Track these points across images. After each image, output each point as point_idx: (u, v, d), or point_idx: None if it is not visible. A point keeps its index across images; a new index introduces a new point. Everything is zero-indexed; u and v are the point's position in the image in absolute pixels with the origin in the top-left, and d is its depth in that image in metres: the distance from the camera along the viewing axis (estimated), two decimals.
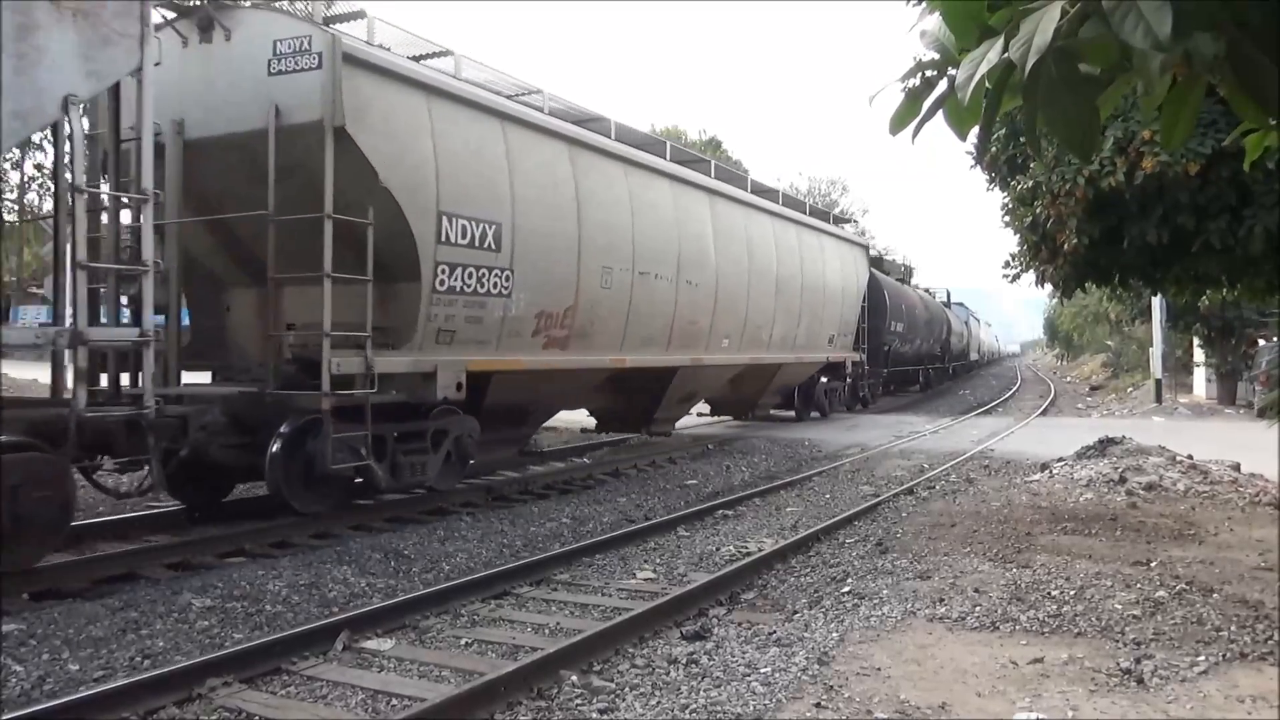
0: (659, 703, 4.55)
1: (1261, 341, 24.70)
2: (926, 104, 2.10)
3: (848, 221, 27.22)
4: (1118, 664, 4.85)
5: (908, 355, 29.56)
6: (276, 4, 7.80)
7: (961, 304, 49.95)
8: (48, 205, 13.84)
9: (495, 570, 7.02)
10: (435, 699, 4.39)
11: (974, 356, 55.23)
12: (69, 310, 6.95)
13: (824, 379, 21.50)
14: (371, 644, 5.51)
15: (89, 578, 6.79)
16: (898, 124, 2.15)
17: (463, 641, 5.64)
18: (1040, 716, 4.18)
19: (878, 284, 24.77)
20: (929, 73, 2.11)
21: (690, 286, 13.59)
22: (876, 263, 27.17)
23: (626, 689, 4.74)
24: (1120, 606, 5.87)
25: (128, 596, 6.34)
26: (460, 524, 9.03)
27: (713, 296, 14.36)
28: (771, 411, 20.56)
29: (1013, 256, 10.89)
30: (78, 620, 5.75)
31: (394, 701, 4.66)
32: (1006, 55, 1.77)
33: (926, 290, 39.70)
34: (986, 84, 1.85)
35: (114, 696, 4.42)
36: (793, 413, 21.03)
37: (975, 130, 2.13)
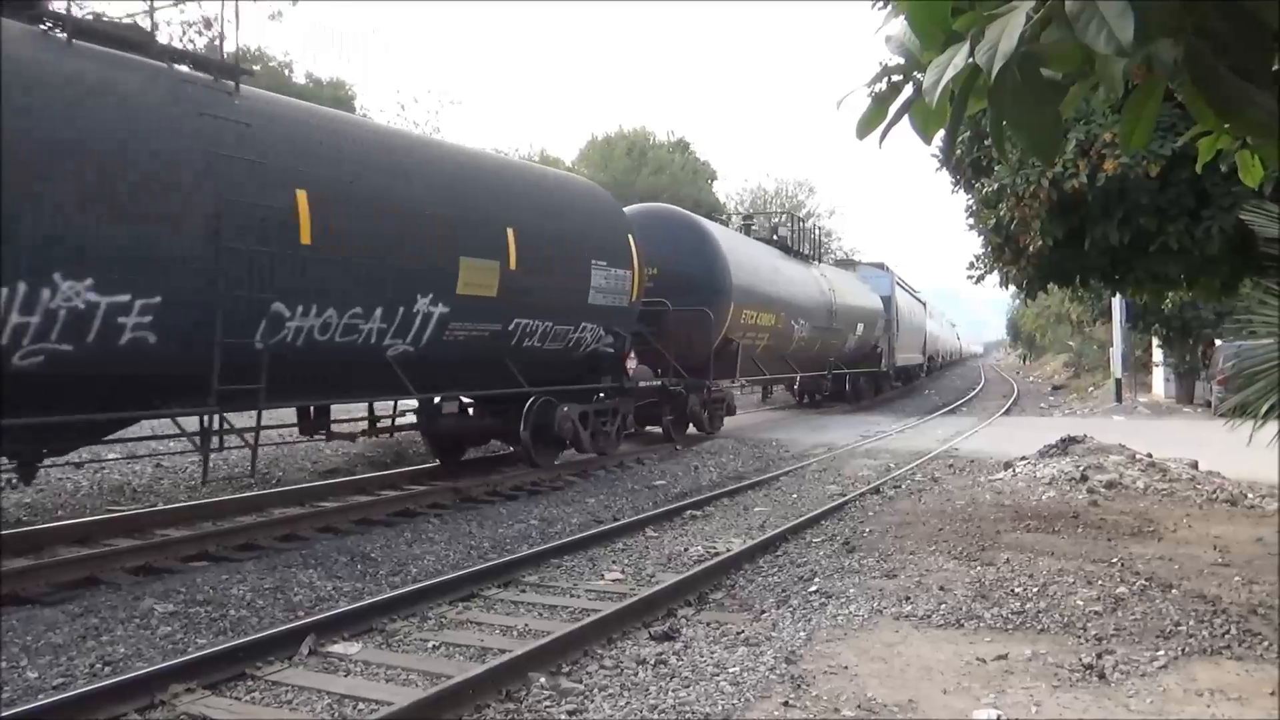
0: (628, 703, 4.55)
1: (1218, 342, 25.21)
2: (893, 108, 2.12)
3: None
4: (1080, 659, 4.92)
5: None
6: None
7: (882, 265, 32.45)
8: None
9: (463, 572, 6.99)
10: (402, 702, 4.36)
11: (910, 358, 35.55)
12: None
13: None
14: (338, 648, 5.46)
15: (48, 583, 6.67)
16: (864, 128, 2.17)
17: (430, 644, 5.60)
18: (1000, 714, 4.23)
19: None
20: (895, 77, 2.13)
21: None
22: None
23: (595, 690, 4.74)
24: (1082, 603, 5.95)
25: (88, 602, 6.24)
26: (427, 526, 8.98)
27: None
28: None
29: (977, 258, 11.03)
30: (36, 627, 5.64)
31: (361, 705, 4.62)
32: (972, 60, 1.79)
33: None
34: (953, 88, 1.87)
35: (73, 704, 4.34)
36: None
37: (940, 133, 2.16)
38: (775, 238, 21.49)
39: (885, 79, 2.15)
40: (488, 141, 63.89)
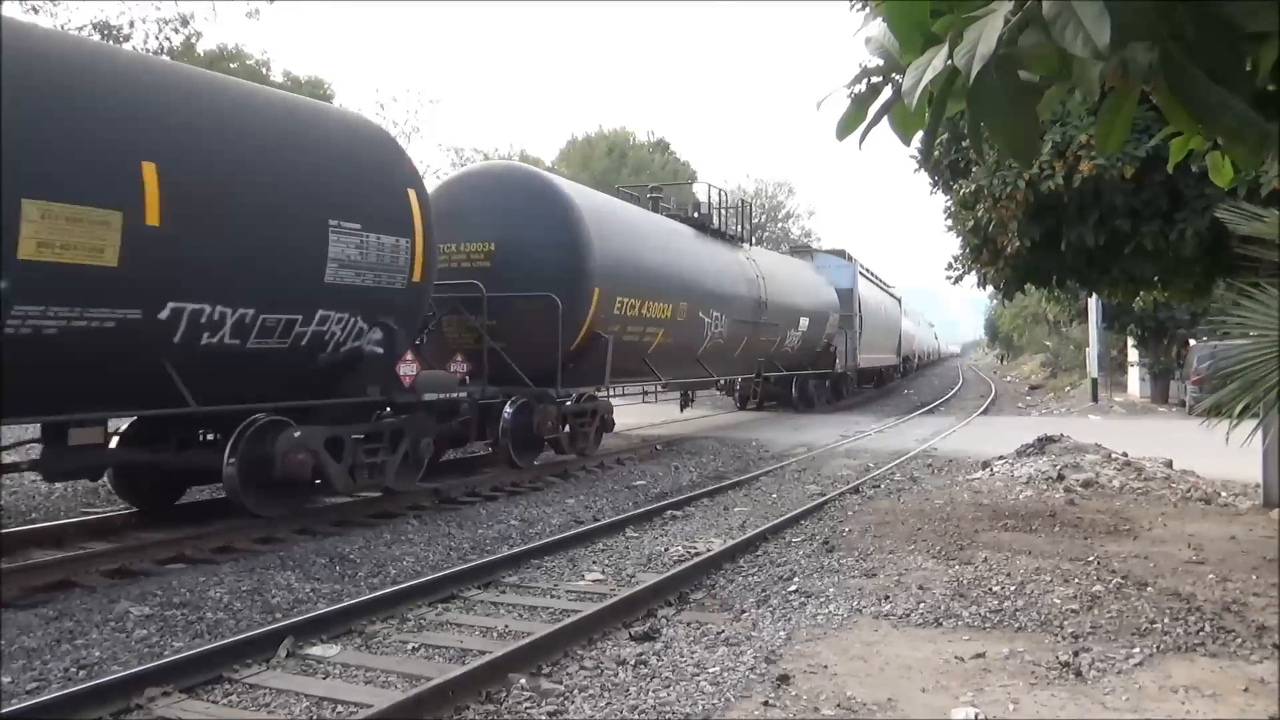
0: (608, 704, 4.54)
1: (1193, 342, 25.50)
2: (872, 110, 2.13)
3: None
4: (1057, 657, 4.95)
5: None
6: None
7: (844, 253, 28.32)
8: None
9: (442, 574, 6.96)
10: (382, 704, 4.33)
11: (879, 359, 32.93)
12: None
13: None
14: (316, 650, 5.42)
15: (22, 586, 6.59)
16: (844, 129, 2.18)
17: (410, 646, 5.58)
18: (978, 712, 4.26)
19: None
20: (874, 79, 2.14)
21: None
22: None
23: (575, 691, 4.73)
24: (1059, 601, 6.00)
25: (63, 605, 6.17)
26: (407, 527, 8.94)
27: None
28: None
29: (955, 259, 11.10)
30: (10, 631, 5.58)
31: (339, 708, 4.59)
32: (950, 62, 1.80)
33: None
34: (931, 90, 1.88)
35: (47, 709, 4.29)
36: None
37: (919, 134, 2.17)
38: (697, 215, 18.03)
39: (865, 80, 2.16)
40: (470, 141, 63.56)
